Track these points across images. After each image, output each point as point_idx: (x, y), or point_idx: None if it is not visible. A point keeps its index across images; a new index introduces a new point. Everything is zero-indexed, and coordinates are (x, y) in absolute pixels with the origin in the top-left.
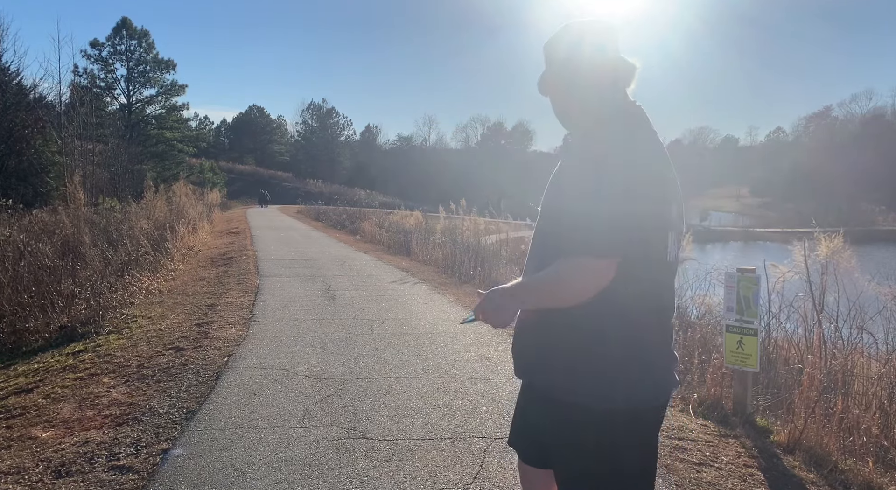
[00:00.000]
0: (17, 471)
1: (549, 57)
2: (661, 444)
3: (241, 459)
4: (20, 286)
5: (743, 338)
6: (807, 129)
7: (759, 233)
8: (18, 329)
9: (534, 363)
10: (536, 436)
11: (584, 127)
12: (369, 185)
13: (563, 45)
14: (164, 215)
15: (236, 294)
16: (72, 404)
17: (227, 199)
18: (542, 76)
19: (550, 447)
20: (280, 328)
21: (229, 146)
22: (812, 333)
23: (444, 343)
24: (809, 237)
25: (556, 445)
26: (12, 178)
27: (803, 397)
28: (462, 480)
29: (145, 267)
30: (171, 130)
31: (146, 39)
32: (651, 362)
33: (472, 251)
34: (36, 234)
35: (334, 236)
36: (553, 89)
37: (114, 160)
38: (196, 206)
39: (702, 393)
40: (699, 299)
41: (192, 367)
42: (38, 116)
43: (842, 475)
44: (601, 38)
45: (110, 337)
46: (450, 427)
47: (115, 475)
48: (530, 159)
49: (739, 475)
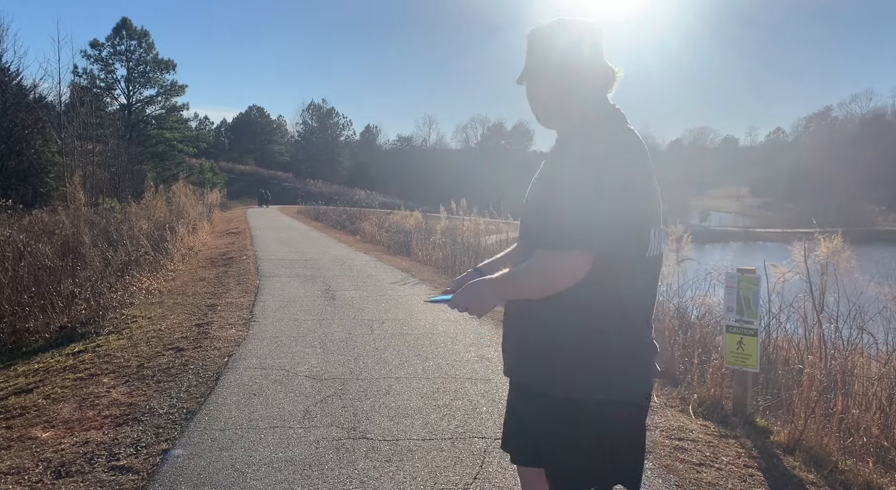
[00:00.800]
0: (16, 471)
1: (542, 52)
2: (662, 444)
3: (241, 460)
4: (20, 286)
5: (743, 338)
6: (807, 129)
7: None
8: (18, 329)
9: (528, 362)
10: (530, 434)
11: (578, 126)
12: (369, 186)
13: (561, 44)
14: (163, 215)
15: (236, 294)
16: (72, 405)
17: (227, 200)
18: (535, 73)
19: (544, 445)
20: (280, 328)
21: (229, 146)
22: (812, 334)
23: (444, 343)
24: (809, 237)
25: (551, 443)
26: (12, 179)
27: (803, 397)
28: (462, 481)
29: (145, 267)
30: (171, 131)
31: (146, 40)
32: (644, 355)
33: (472, 251)
34: (36, 235)
35: (334, 236)
36: (549, 88)
37: (114, 160)
38: (196, 207)
39: (702, 393)
40: (699, 299)
41: (192, 367)
42: (38, 117)
43: (842, 475)
44: (597, 39)
45: (110, 337)
46: (450, 427)
47: (115, 475)
48: (530, 159)
49: (739, 475)
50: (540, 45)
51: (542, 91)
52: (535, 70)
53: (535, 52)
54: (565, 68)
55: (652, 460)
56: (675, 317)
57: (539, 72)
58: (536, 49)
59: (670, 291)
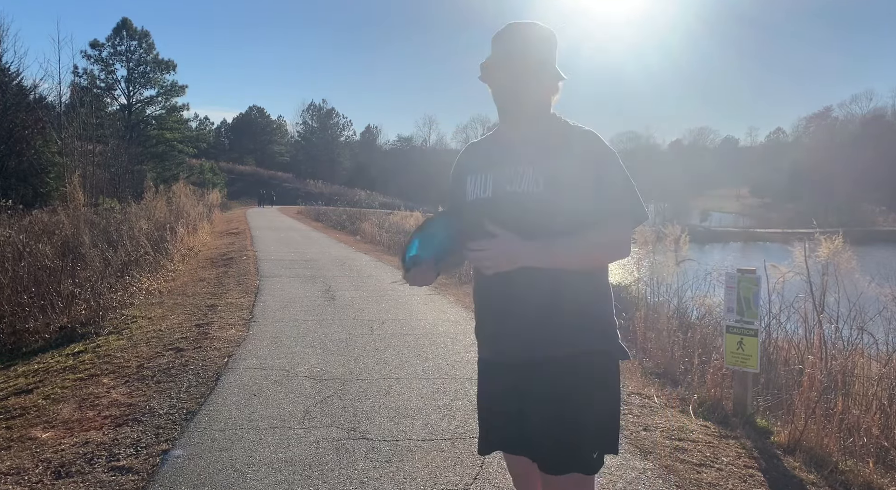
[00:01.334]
0: (16, 471)
1: (523, 50)
2: (662, 444)
3: (241, 460)
4: (20, 287)
5: (743, 338)
6: (807, 129)
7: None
8: (18, 330)
9: (537, 337)
10: (525, 420)
11: (551, 120)
12: (369, 186)
13: (539, 43)
14: (163, 216)
15: (236, 295)
16: (72, 405)
17: (228, 200)
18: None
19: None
20: (280, 329)
21: (229, 147)
22: (812, 334)
23: (445, 344)
24: (810, 238)
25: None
26: (12, 179)
27: (803, 398)
28: (462, 481)
29: (145, 267)
30: (172, 131)
31: (146, 40)
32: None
33: None
34: (36, 235)
35: (334, 237)
36: (534, 83)
37: (114, 161)
38: (196, 207)
39: (702, 394)
40: (699, 300)
41: (192, 367)
42: (38, 117)
43: (842, 476)
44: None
45: (110, 337)
46: (450, 428)
47: (115, 476)
48: None
49: (740, 476)
50: (520, 45)
51: (529, 86)
52: (517, 69)
53: (517, 50)
54: (550, 64)
55: (652, 460)
56: (674, 317)
57: (519, 71)
58: (519, 48)
59: (670, 292)
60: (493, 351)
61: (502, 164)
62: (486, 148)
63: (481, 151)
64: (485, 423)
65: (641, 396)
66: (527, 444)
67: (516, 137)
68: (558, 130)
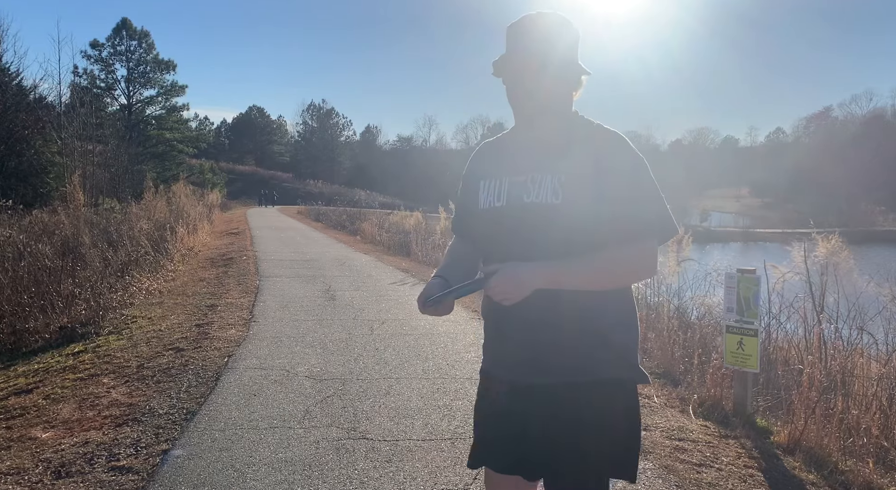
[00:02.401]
0: (16, 471)
1: (542, 45)
2: (662, 444)
3: (241, 460)
4: (20, 286)
5: (743, 338)
6: (807, 129)
7: (760, 233)
8: (18, 329)
9: (547, 361)
10: (530, 440)
11: (573, 120)
12: (369, 186)
13: (559, 37)
14: (163, 216)
15: (236, 295)
16: (72, 405)
17: (228, 200)
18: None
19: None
20: (280, 329)
21: (229, 147)
22: (812, 334)
23: (444, 343)
24: (809, 238)
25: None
26: (12, 179)
27: (803, 398)
28: (462, 481)
29: (145, 267)
30: (171, 131)
31: (146, 40)
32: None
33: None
34: (36, 235)
35: (334, 237)
36: (554, 81)
37: (114, 161)
38: (196, 207)
39: (702, 394)
40: (699, 300)
41: (192, 367)
42: (38, 117)
43: (842, 476)
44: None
45: (110, 337)
46: (450, 428)
47: (115, 476)
48: None
49: (740, 476)
50: (544, 38)
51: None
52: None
53: (541, 44)
54: (572, 62)
55: (652, 460)
56: (674, 317)
57: (542, 67)
58: (544, 41)
59: (670, 292)
60: (498, 367)
61: (517, 169)
62: (501, 149)
63: (495, 153)
64: (481, 439)
65: (641, 396)
66: (526, 464)
67: (533, 139)
68: (580, 133)
